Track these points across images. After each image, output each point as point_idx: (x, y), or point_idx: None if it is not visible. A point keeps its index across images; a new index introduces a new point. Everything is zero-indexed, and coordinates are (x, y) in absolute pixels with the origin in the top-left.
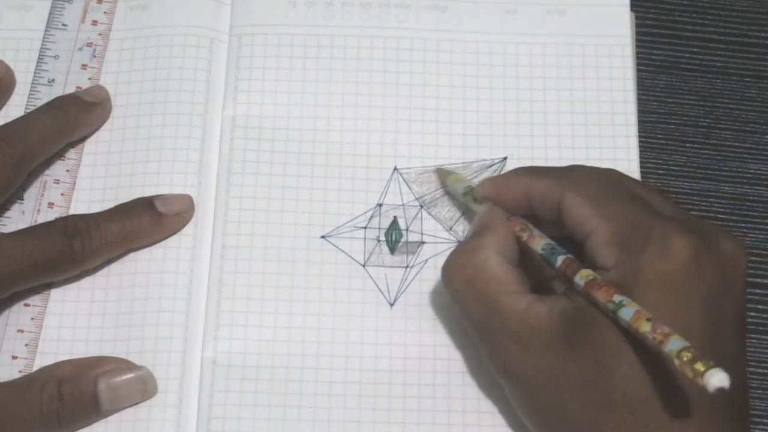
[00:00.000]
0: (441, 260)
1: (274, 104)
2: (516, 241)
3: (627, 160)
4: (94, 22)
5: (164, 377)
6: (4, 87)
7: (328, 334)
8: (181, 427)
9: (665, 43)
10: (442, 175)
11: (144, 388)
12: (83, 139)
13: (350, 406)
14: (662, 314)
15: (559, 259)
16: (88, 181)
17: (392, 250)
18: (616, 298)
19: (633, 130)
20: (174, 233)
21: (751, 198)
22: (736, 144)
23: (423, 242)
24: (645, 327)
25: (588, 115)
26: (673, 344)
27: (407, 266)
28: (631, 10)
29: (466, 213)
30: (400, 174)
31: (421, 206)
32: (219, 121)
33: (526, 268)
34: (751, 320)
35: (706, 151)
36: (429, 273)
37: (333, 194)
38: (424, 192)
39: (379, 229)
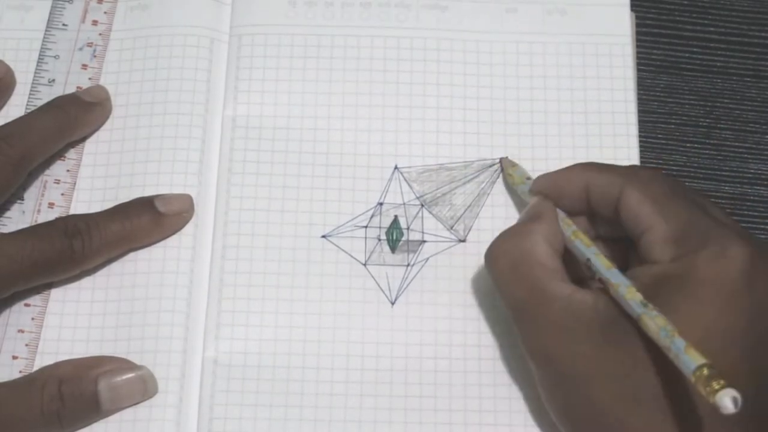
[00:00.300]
0: (442, 259)
1: (275, 104)
2: (561, 235)
3: (627, 160)
4: (95, 22)
5: (164, 377)
6: (4, 87)
7: (330, 334)
8: (181, 427)
9: (665, 43)
10: (507, 165)
11: (144, 388)
12: (83, 139)
13: (352, 406)
14: (709, 315)
15: (599, 275)
16: (88, 181)
17: (393, 249)
18: (667, 328)
19: (633, 129)
20: (174, 233)
21: (752, 198)
22: (737, 144)
23: (424, 241)
24: (689, 371)
25: (588, 115)
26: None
27: (408, 265)
28: (632, 10)
29: (467, 212)
30: (401, 173)
31: (422, 205)
32: (219, 121)
33: (565, 263)
34: None
35: (707, 151)
36: (430, 271)
37: (333, 194)
38: (425, 191)
39: (380, 228)
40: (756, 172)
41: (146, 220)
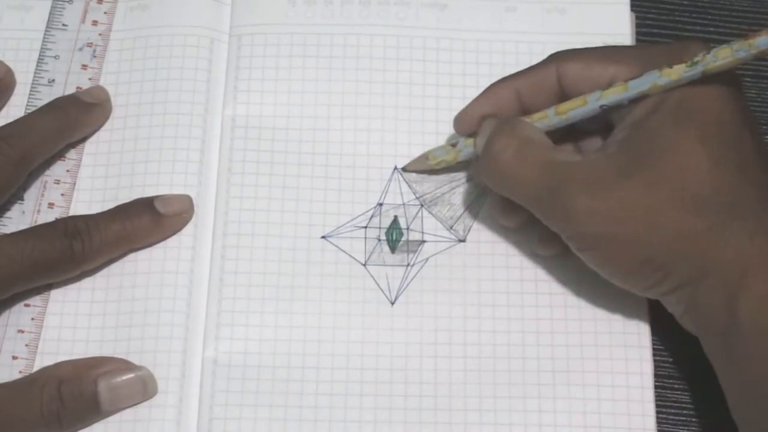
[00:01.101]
0: (441, 259)
1: (274, 104)
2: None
3: None
4: (95, 23)
5: (164, 377)
6: (4, 87)
7: (329, 333)
8: (181, 427)
9: (665, 43)
10: (417, 164)
11: (144, 389)
12: (83, 139)
13: (351, 406)
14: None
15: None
16: (88, 182)
17: (393, 249)
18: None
19: None
20: (174, 233)
21: None
22: None
23: (424, 241)
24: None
25: None
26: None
27: (408, 265)
28: (632, 10)
29: (467, 212)
30: (401, 173)
31: (422, 205)
32: (219, 121)
33: None
34: None
35: None
36: (430, 271)
37: (333, 194)
38: (424, 191)
39: (380, 228)
40: None
41: (146, 221)
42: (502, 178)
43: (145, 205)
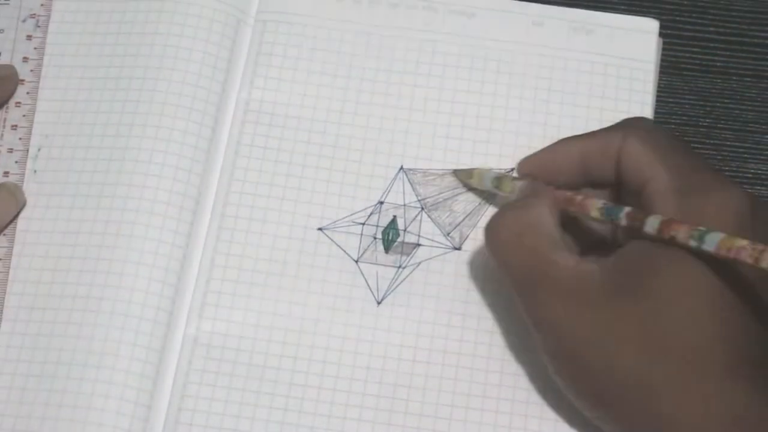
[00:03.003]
0: (434, 264)
1: (290, 92)
2: (559, 212)
3: None
4: None
5: (145, 346)
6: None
7: (311, 325)
8: (154, 400)
9: (665, 43)
10: (463, 175)
11: (15, 200)
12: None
13: (323, 399)
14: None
15: (624, 210)
16: (98, 140)
17: (387, 249)
18: (701, 227)
19: None
20: (4, 99)
21: None
22: (737, 144)
23: (419, 245)
24: (741, 242)
25: None
26: None
27: (399, 267)
28: (632, 10)
29: (466, 221)
30: (406, 173)
31: (422, 208)
32: (233, 102)
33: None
34: None
35: (707, 151)
36: (420, 276)
37: (335, 187)
38: (427, 194)
39: (377, 226)
40: (756, 172)
41: None
42: (498, 257)
43: None
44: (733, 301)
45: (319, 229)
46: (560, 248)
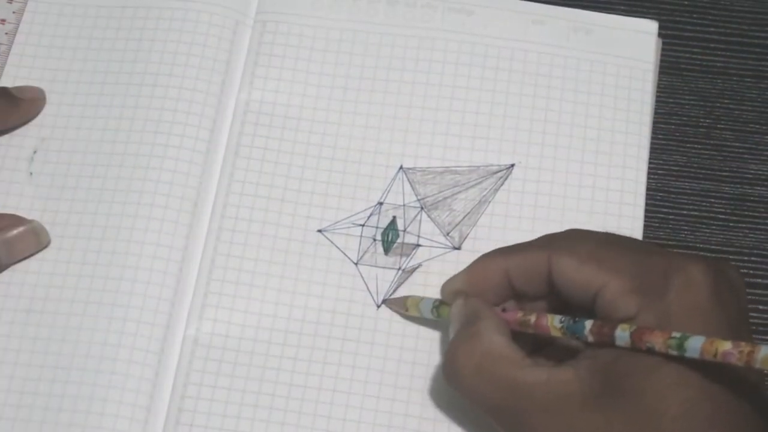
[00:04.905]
0: (434, 265)
1: (289, 93)
2: (506, 323)
3: (635, 182)
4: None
5: (144, 349)
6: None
7: (311, 328)
8: (154, 401)
9: (665, 43)
10: (396, 305)
11: (37, 239)
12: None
13: (323, 400)
14: None
15: (588, 325)
16: (95, 145)
17: (387, 251)
18: (675, 334)
19: (644, 153)
20: (30, 119)
21: (752, 198)
22: (737, 144)
23: (419, 245)
24: (725, 346)
25: (601, 132)
26: (766, 350)
27: (399, 269)
28: (631, 11)
29: (466, 220)
30: (405, 173)
31: (422, 208)
32: (233, 103)
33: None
34: (751, 320)
35: (707, 152)
36: (420, 277)
37: (335, 188)
38: (426, 193)
39: (377, 228)
40: (756, 172)
41: (3, 104)
42: (463, 393)
43: (1, 92)
44: (723, 389)
45: (319, 231)
46: (524, 366)
